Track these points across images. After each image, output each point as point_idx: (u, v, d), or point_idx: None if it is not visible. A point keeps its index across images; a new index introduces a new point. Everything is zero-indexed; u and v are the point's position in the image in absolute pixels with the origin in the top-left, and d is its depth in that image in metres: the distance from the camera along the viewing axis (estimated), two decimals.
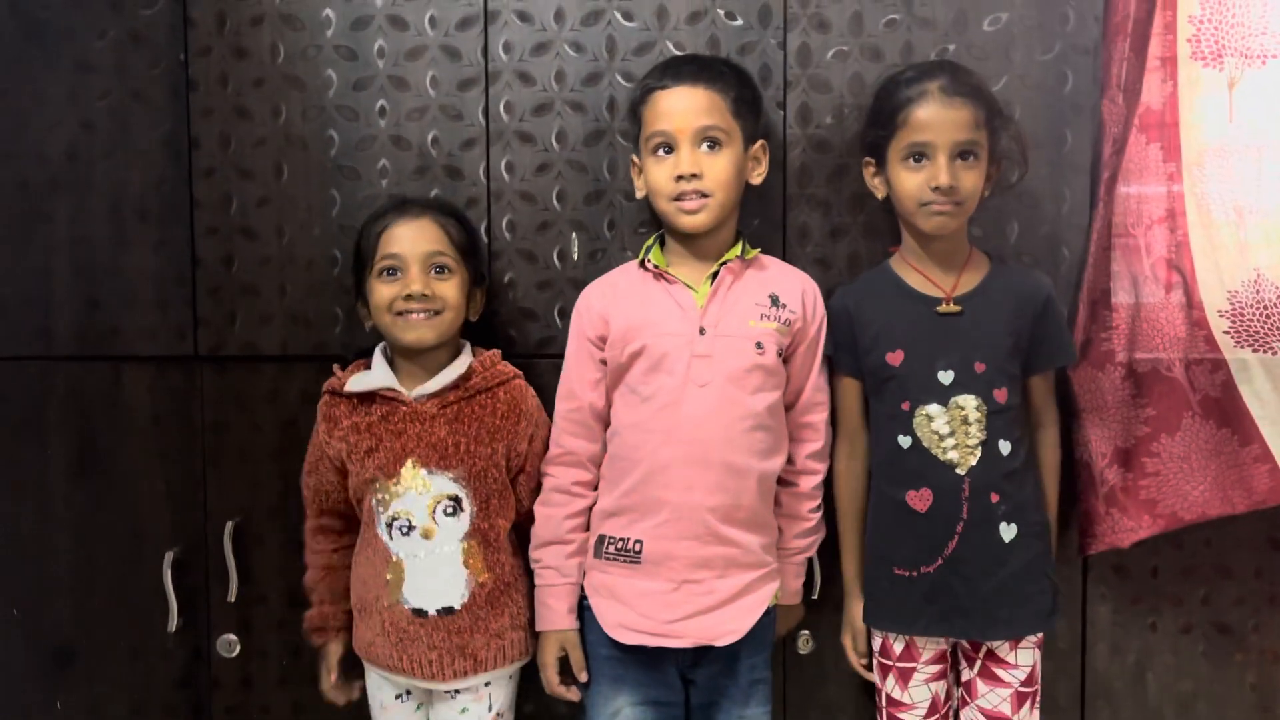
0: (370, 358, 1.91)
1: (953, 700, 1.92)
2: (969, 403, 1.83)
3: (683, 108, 1.82)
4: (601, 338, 1.88)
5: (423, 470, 1.84)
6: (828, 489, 1.94)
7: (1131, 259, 1.96)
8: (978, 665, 1.87)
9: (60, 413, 2.05)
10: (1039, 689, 1.89)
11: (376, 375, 1.87)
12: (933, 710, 1.88)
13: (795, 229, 2.00)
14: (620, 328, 1.86)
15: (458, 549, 1.85)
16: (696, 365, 1.82)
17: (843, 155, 1.98)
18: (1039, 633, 1.87)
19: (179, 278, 2.03)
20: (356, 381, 1.87)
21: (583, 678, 1.87)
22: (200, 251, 2.02)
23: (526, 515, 1.92)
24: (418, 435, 1.84)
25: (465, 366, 1.87)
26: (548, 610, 1.87)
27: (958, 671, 1.92)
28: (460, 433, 1.85)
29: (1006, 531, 1.83)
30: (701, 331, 1.83)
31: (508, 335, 2.00)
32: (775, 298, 1.86)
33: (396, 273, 1.84)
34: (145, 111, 2.01)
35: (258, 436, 2.03)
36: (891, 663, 1.89)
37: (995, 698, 1.87)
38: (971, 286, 1.88)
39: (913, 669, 1.88)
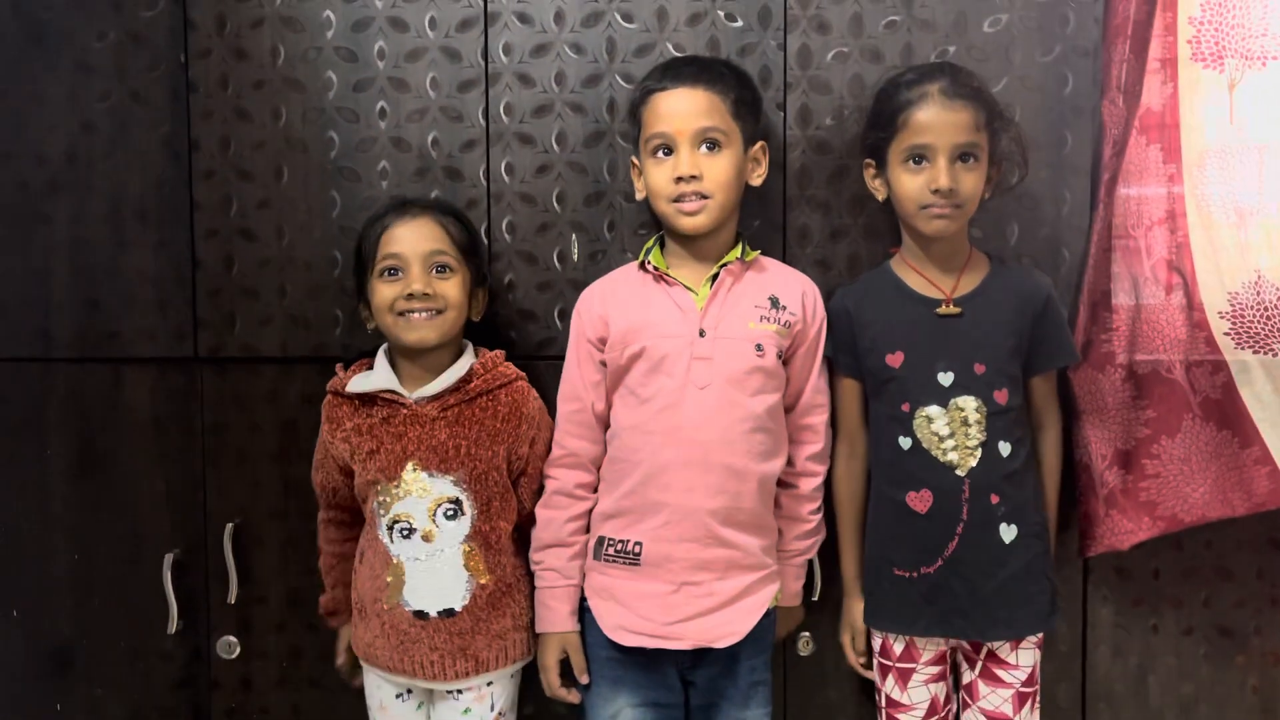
0: (373, 357, 1.91)
1: (952, 704, 1.92)
2: (969, 404, 1.83)
3: (682, 109, 1.82)
4: (601, 339, 1.88)
5: (423, 473, 1.83)
6: (827, 489, 1.94)
7: (1132, 260, 1.95)
8: (979, 666, 1.87)
9: (60, 414, 2.05)
10: (1039, 689, 1.88)
11: (378, 377, 1.86)
12: (932, 711, 1.88)
13: (795, 230, 1.99)
14: (620, 329, 1.86)
15: (458, 551, 1.84)
16: (696, 367, 1.82)
17: (843, 157, 1.98)
18: (1039, 633, 1.87)
19: (179, 279, 2.03)
20: (358, 383, 1.86)
21: (584, 680, 1.87)
22: (200, 253, 2.02)
23: (528, 517, 1.92)
24: (418, 438, 1.84)
25: (466, 368, 1.87)
26: (549, 612, 1.87)
27: (958, 676, 1.92)
28: (461, 435, 1.84)
29: (1007, 532, 1.83)
30: (701, 333, 1.83)
31: (508, 336, 2.00)
32: (775, 299, 1.86)
33: (398, 272, 1.84)
34: (145, 113, 2.01)
35: (258, 438, 2.03)
36: (891, 663, 1.89)
37: (997, 699, 1.86)
38: (971, 288, 1.88)
39: (912, 669, 1.88)
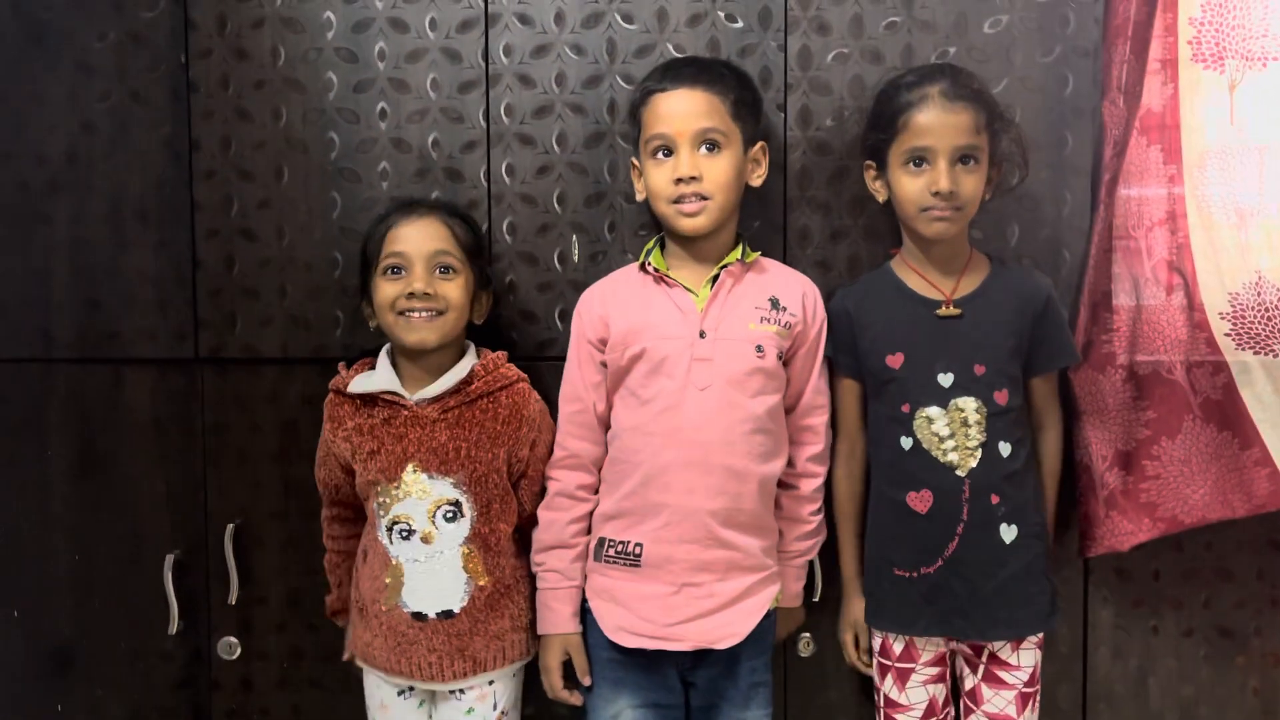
0: (375, 357, 1.91)
1: (950, 708, 1.91)
2: (969, 405, 1.83)
3: (682, 110, 1.82)
4: (602, 340, 1.88)
5: (423, 474, 1.83)
6: (827, 490, 1.94)
7: (1132, 261, 1.95)
8: (981, 670, 1.87)
9: (60, 415, 2.05)
10: (1039, 690, 1.88)
11: (379, 377, 1.86)
12: (930, 713, 1.88)
13: (796, 231, 1.99)
14: (620, 330, 1.86)
15: (457, 553, 1.84)
16: (697, 368, 1.82)
17: (843, 158, 1.98)
18: (1039, 633, 1.87)
19: (179, 280, 2.03)
20: (359, 383, 1.86)
21: (586, 681, 1.87)
22: (201, 254, 2.02)
23: (528, 519, 1.92)
24: (418, 439, 1.84)
25: (467, 370, 1.87)
26: (551, 613, 1.87)
27: (959, 683, 1.91)
28: (461, 437, 1.84)
29: (1007, 533, 1.83)
30: (702, 335, 1.83)
31: (508, 337, 2.00)
32: (775, 301, 1.86)
33: (401, 271, 1.84)
34: (146, 113, 2.01)
35: (258, 438, 2.03)
36: (890, 663, 1.89)
37: (1001, 701, 1.86)
38: (971, 289, 1.88)
39: (911, 670, 1.88)
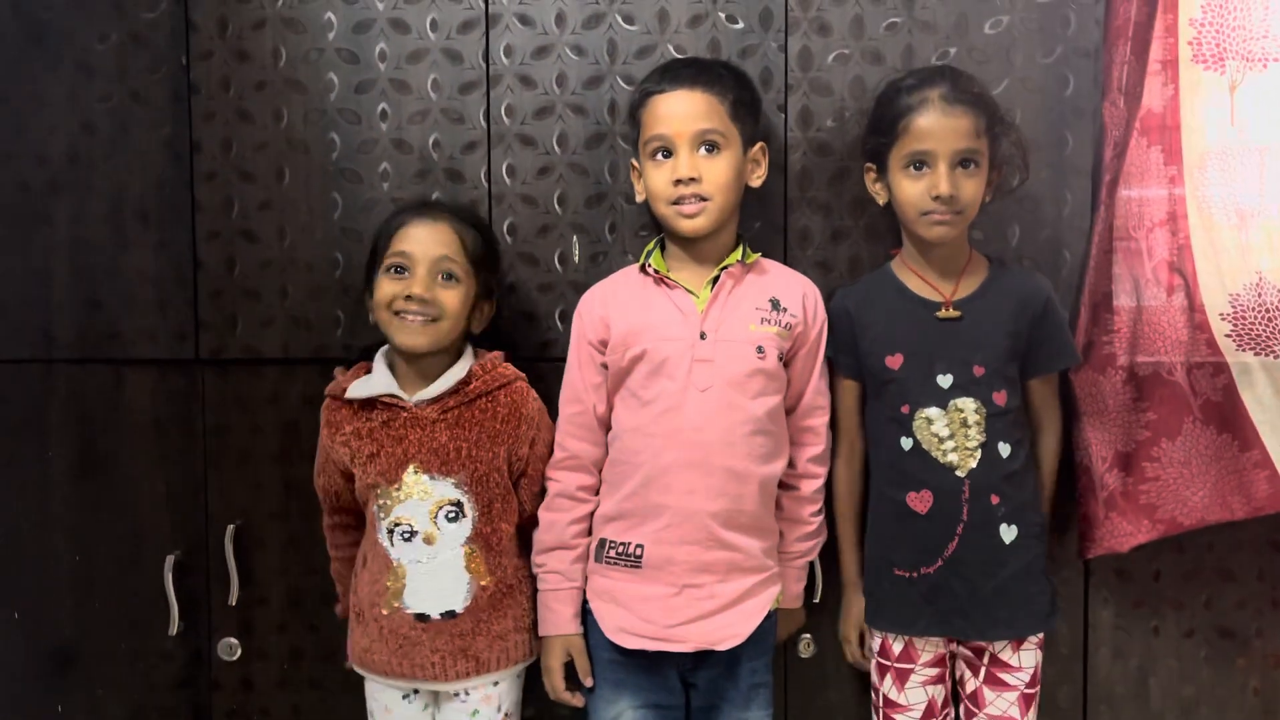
0: (370, 360, 1.91)
1: (949, 710, 1.91)
2: (968, 405, 1.83)
3: (680, 111, 1.82)
4: (603, 341, 1.88)
5: (424, 476, 1.83)
6: (827, 490, 1.94)
7: (1133, 262, 1.95)
8: (982, 673, 1.87)
9: (61, 415, 2.05)
10: (1039, 690, 1.88)
11: (377, 380, 1.86)
12: (929, 714, 1.88)
13: (796, 232, 1.99)
14: (621, 332, 1.86)
15: (459, 553, 1.84)
16: (697, 370, 1.82)
17: (844, 158, 1.98)
18: (1039, 633, 1.87)
19: (180, 280, 2.03)
20: (357, 387, 1.86)
21: (588, 682, 1.87)
22: (201, 254, 2.02)
23: (529, 519, 1.92)
24: (419, 441, 1.84)
25: (465, 370, 1.86)
26: (552, 615, 1.87)
27: (957, 685, 1.91)
28: (461, 438, 1.84)
29: (1007, 533, 1.83)
30: (702, 336, 1.83)
31: (509, 338, 2.00)
32: (776, 302, 1.86)
33: (404, 271, 1.83)
34: (147, 114, 2.01)
35: (259, 439, 2.03)
36: (890, 663, 1.89)
37: (1003, 703, 1.86)
38: (971, 290, 1.88)
39: (910, 670, 1.88)
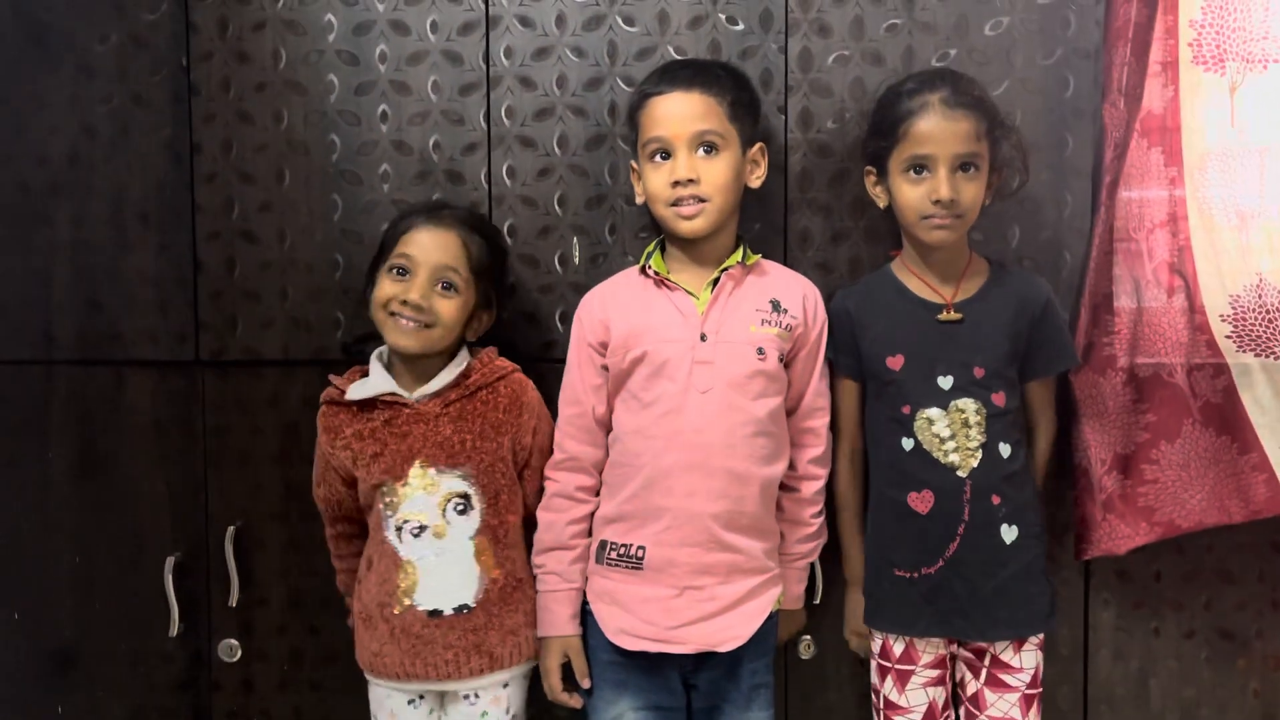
0: (363, 361, 1.91)
1: (950, 712, 1.91)
2: (969, 406, 1.83)
3: (678, 113, 1.82)
4: (603, 343, 1.88)
5: (431, 470, 1.84)
6: (828, 491, 1.94)
7: (1133, 263, 1.95)
8: (984, 674, 1.87)
9: (61, 416, 2.05)
10: (1040, 691, 1.88)
11: (376, 381, 1.86)
12: (929, 716, 1.87)
13: (796, 233, 1.99)
14: (621, 334, 1.86)
15: (469, 546, 1.84)
16: (698, 371, 1.82)
17: (844, 160, 1.98)
18: (1039, 634, 1.86)
19: (180, 282, 2.03)
20: (357, 389, 1.86)
21: (585, 684, 1.87)
22: (202, 256, 2.03)
23: (534, 512, 1.92)
24: (423, 435, 1.84)
25: (464, 364, 1.88)
26: (550, 616, 1.87)
27: (957, 688, 1.91)
28: (465, 430, 1.85)
29: (1008, 533, 1.83)
30: (703, 337, 1.83)
31: (509, 339, 2.00)
32: (776, 303, 1.86)
33: (405, 274, 1.83)
34: (147, 115, 2.02)
35: (259, 441, 2.04)
36: (890, 664, 1.89)
37: (1005, 704, 1.86)
38: (971, 293, 1.88)
39: (911, 671, 1.87)
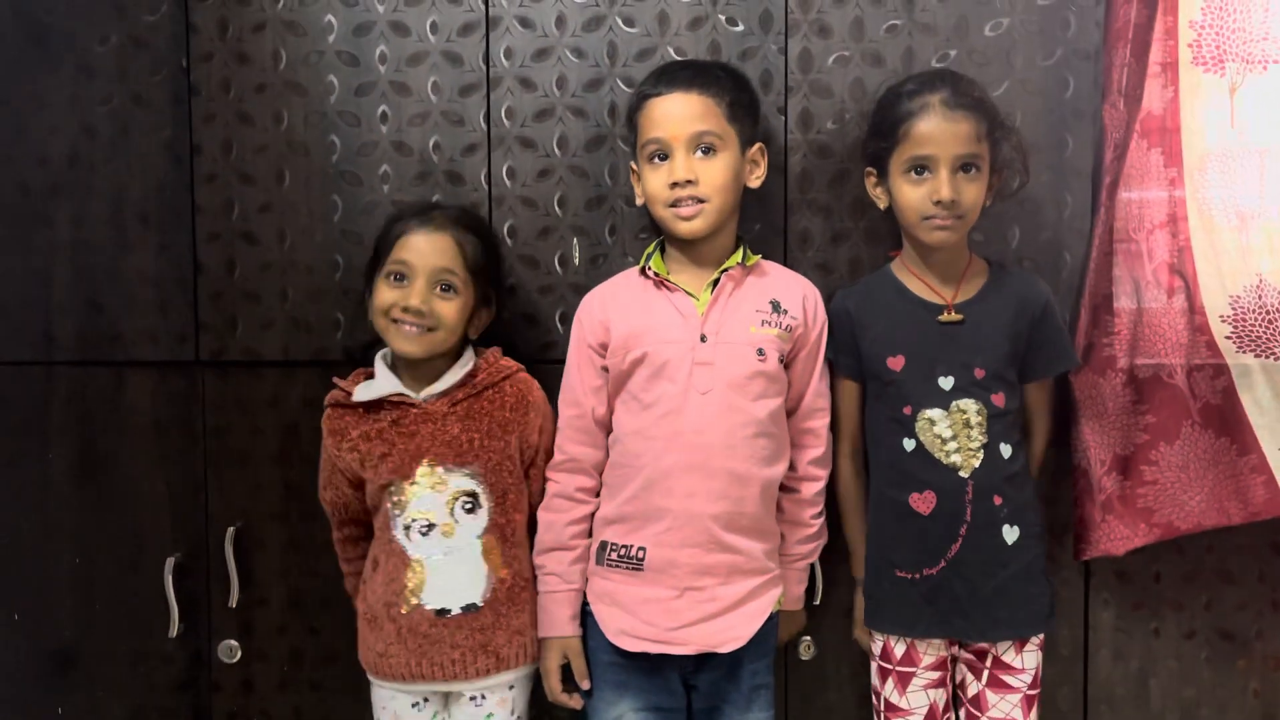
0: (367, 363, 1.91)
1: (950, 714, 1.91)
2: (970, 407, 1.83)
3: (676, 114, 1.82)
4: (603, 345, 1.88)
5: (439, 468, 1.84)
6: (830, 492, 1.94)
7: (1133, 264, 1.95)
8: (985, 675, 1.87)
9: (62, 417, 2.05)
10: (1039, 692, 1.88)
11: (382, 383, 1.86)
12: (930, 718, 1.87)
13: (796, 234, 1.99)
14: (621, 335, 1.86)
15: (477, 545, 1.85)
16: (698, 372, 1.82)
17: (844, 160, 1.98)
18: (1040, 634, 1.86)
19: (180, 282, 2.03)
20: (363, 391, 1.86)
21: (585, 685, 1.87)
22: (202, 256, 2.03)
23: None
24: (431, 434, 1.84)
25: (471, 364, 1.88)
26: (550, 617, 1.87)
27: (957, 689, 1.91)
28: (473, 428, 1.85)
29: (1009, 534, 1.83)
30: (703, 339, 1.83)
31: (509, 340, 2.00)
32: (776, 304, 1.86)
33: (403, 279, 1.84)
34: (147, 116, 2.02)
35: (259, 441, 2.04)
36: (891, 666, 1.89)
37: (1007, 705, 1.86)
38: (971, 294, 1.88)
39: (912, 673, 1.87)
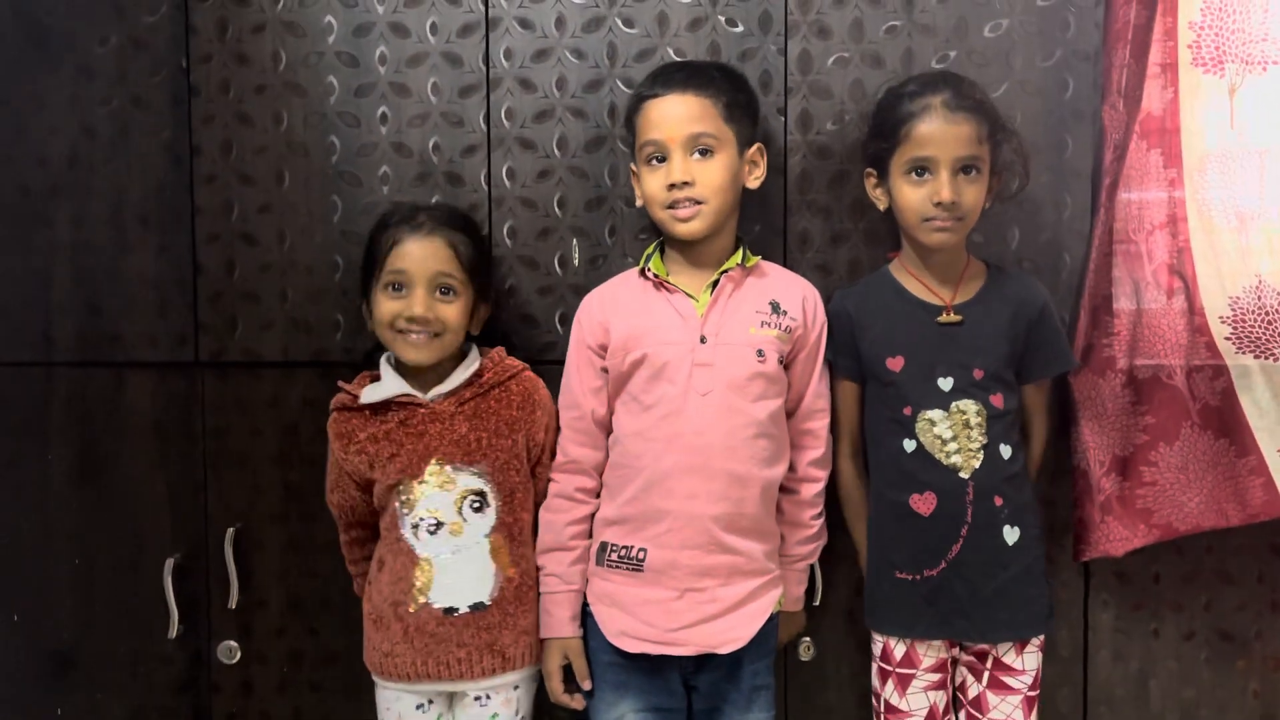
0: (371, 366, 1.91)
1: (950, 716, 1.91)
2: (969, 408, 1.83)
3: (672, 116, 1.82)
4: (602, 346, 1.88)
5: (447, 467, 1.84)
6: (832, 493, 1.94)
7: (1133, 265, 1.96)
8: (986, 677, 1.87)
9: (61, 418, 2.05)
10: (1038, 693, 1.88)
11: (389, 385, 1.86)
12: (930, 719, 1.88)
13: (796, 235, 1.99)
14: (621, 336, 1.86)
15: (485, 544, 1.85)
16: (698, 374, 1.82)
17: (843, 162, 1.98)
18: (1040, 635, 1.86)
19: (180, 283, 2.03)
20: (370, 393, 1.86)
21: (586, 686, 1.87)
22: (201, 257, 2.02)
23: None
24: (440, 434, 1.84)
25: (477, 363, 1.88)
26: (550, 618, 1.87)
27: (957, 691, 1.91)
28: (481, 427, 1.85)
29: (1010, 534, 1.83)
30: (703, 340, 1.83)
31: (509, 341, 1.99)
32: (776, 305, 1.86)
33: (402, 289, 1.84)
34: (147, 117, 2.02)
35: (259, 442, 2.03)
36: (891, 668, 1.89)
37: (1008, 706, 1.86)
38: (970, 295, 1.88)
39: (912, 675, 1.87)
